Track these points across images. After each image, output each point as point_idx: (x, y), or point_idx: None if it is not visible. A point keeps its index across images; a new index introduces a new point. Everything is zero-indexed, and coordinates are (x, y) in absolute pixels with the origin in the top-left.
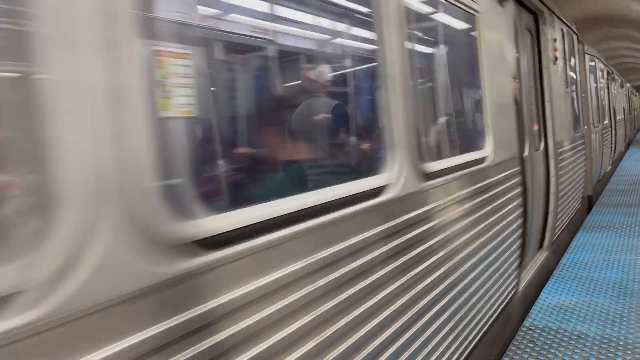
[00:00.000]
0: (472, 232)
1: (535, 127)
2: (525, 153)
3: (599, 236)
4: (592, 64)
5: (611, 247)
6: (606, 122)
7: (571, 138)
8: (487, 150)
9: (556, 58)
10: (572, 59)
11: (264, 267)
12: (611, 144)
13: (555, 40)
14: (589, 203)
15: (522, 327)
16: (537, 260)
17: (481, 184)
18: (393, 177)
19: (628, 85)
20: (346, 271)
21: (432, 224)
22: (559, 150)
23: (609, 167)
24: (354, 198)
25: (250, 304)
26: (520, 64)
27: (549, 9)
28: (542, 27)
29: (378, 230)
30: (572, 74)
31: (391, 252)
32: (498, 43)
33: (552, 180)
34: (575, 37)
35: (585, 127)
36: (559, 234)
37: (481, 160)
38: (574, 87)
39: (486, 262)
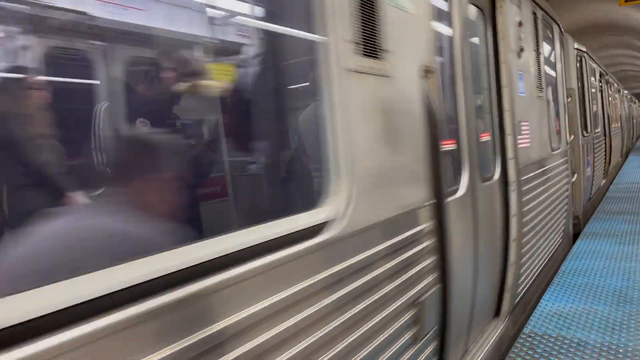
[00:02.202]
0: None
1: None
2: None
3: (599, 243)
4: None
5: (611, 254)
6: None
7: (547, 157)
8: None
9: (522, 49)
10: (552, 53)
11: None
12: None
13: (520, 24)
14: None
15: (522, 334)
16: (491, 335)
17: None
18: None
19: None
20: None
21: None
22: (524, 178)
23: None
24: None
25: None
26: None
27: None
28: (499, 6)
29: None
30: (550, 72)
31: None
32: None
33: (513, 221)
34: (556, 26)
35: (572, 138)
36: (523, 293)
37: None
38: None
39: None
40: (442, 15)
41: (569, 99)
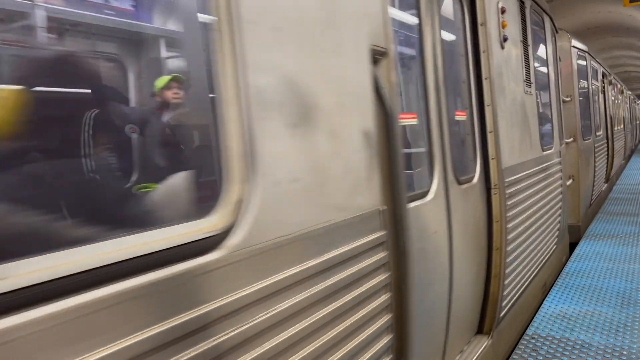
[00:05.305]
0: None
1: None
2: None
3: (602, 245)
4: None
5: (614, 256)
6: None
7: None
8: None
9: (505, 39)
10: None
11: None
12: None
13: (504, 12)
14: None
15: (525, 336)
16: (473, 353)
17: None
18: None
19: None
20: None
21: None
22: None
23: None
24: None
25: None
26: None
27: None
28: None
29: None
30: (542, 68)
31: None
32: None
33: (496, 228)
34: (548, 19)
35: (572, 139)
36: (509, 307)
37: None
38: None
39: None
40: None
41: (569, 98)
